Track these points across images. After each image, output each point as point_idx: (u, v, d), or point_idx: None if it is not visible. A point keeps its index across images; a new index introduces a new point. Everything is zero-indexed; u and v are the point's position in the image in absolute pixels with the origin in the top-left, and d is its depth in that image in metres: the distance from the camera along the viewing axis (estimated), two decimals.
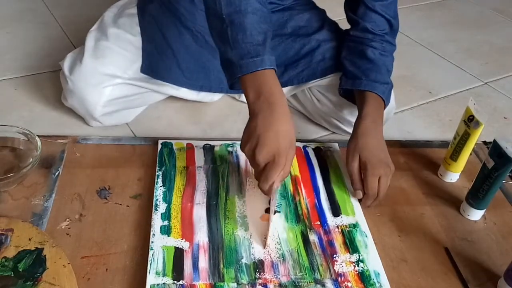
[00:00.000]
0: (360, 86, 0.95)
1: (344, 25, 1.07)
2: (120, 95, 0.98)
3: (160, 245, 0.75)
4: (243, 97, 1.14)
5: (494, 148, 0.83)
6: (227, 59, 0.78)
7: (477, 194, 0.87)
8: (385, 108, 0.96)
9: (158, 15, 0.99)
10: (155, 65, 0.99)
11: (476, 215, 0.89)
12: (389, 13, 0.98)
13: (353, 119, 1.04)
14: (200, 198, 0.85)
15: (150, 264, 0.72)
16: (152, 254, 0.74)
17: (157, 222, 0.79)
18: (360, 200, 0.88)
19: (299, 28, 1.07)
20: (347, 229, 0.83)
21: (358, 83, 0.95)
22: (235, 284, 0.72)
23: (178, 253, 0.75)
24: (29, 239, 0.73)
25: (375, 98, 0.93)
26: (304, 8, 1.09)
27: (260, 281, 0.73)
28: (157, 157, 0.92)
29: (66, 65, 0.98)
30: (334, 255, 0.78)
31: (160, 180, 0.87)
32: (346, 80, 0.98)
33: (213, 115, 1.12)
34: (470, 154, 0.95)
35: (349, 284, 0.74)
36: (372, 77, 0.95)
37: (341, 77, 1.00)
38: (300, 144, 1.00)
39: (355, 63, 0.98)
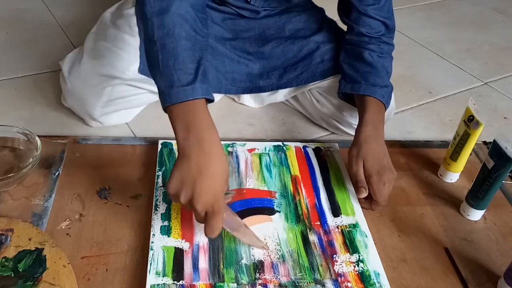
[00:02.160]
0: (360, 90, 0.94)
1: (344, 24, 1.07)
2: (119, 95, 0.98)
3: (160, 245, 0.75)
4: (242, 99, 1.15)
5: (494, 148, 0.83)
6: (158, 86, 0.73)
7: (477, 194, 0.87)
8: (385, 110, 0.96)
9: None
10: None
11: (476, 215, 0.89)
12: (383, 15, 0.97)
13: (352, 121, 1.04)
14: None
15: (150, 264, 0.72)
16: (152, 254, 0.74)
17: (157, 222, 0.79)
18: (359, 201, 0.88)
19: (297, 31, 1.07)
20: (347, 229, 0.83)
21: (357, 87, 0.95)
22: (235, 284, 0.72)
23: (178, 253, 0.75)
24: (29, 239, 0.73)
25: (375, 102, 0.93)
26: (301, 9, 1.08)
27: (260, 281, 0.73)
28: (157, 157, 0.92)
29: (65, 66, 0.98)
30: (334, 255, 0.78)
31: (160, 180, 0.87)
32: (345, 84, 0.97)
33: (213, 115, 1.10)
34: (470, 154, 0.94)
35: (349, 284, 0.74)
36: (371, 81, 0.94)
37: (340, 80, 0.99)
38: (300, 144, 1.00)
39: (354, 66, 0.98)
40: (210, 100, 0.74)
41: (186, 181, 0.67)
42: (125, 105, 1.01)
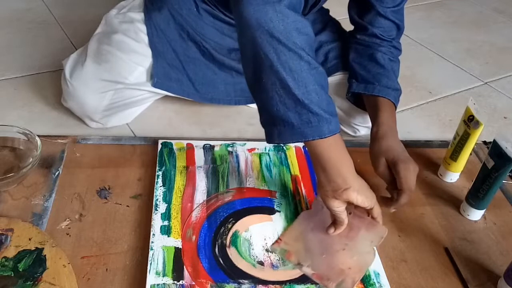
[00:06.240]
0: (374, 91, 0.94)
1: (346, 24, 1.07)
2: (120, 98, 0.98)
3: (160, 245, 0.75)
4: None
5: (494, 148, 0.83)
6: (309, 107, 0.69)
7: (477, 194, 0.87)
8: None
9: (166, 28, 0.98)
10: (167, 79, 0.98)
11: (476, 215, 0.89)
12: (399, 17, 0.97)
13: (352, 120, 1.04)
14: (200, 198, 0.85)
15: (150, 264, 0.72)
16: (152, 254, 0.74)
17: (157, 222, 0.79)
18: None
19: None
20: None
21: (371, 88, 0.94)
22: (236, 284, 0.72)
23: (178, 253, 0.75)
24: (29, 239, 0.73)
25: (388, 104, 0.92)
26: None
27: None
28: (157, 157, 0.92)
29: (67, 67, 0.97)
30: None
31: (160, 180, 0.87)
32: (358, 84, 0.96)
33: (213, 115, 1.12)
34: (470, 154, 0.94)
35: None
36: (384, 82, 0.94)
37: (349, 80, 0.99)
38: (300, 144, 0.99)
39: (365, 67, 0.97)
40: None
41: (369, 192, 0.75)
42: (126, 106, 1.01)
